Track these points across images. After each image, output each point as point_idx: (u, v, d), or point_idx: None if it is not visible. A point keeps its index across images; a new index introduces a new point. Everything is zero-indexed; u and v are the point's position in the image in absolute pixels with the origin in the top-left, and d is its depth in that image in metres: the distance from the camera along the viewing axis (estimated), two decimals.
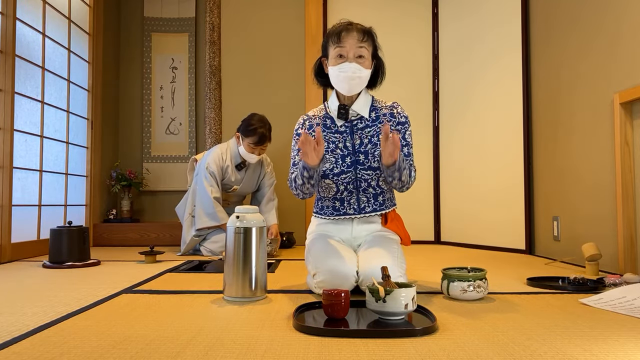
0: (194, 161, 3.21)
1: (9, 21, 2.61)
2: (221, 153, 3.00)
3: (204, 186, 2.92)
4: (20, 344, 1.12)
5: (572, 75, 2.61)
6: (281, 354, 1.05)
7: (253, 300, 1.59)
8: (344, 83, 1.76)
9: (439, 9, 3.72)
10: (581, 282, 1.84)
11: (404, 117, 1.85)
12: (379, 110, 1.85)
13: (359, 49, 1.74)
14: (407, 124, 1.85)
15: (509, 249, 3.16)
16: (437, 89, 3.73)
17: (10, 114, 2.60)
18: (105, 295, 1.69)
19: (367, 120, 1.82)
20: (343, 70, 1.74)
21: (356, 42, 1.73)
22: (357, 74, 1.74)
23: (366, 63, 1.76)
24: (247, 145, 2.92)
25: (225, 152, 3.01)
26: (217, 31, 3.73)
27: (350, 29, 1.75)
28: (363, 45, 1.74)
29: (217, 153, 2.99)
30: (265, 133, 2.89)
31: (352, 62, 1.74)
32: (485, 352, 1.06)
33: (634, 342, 1.14)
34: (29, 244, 2.79)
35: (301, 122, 1.89)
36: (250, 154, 2.94)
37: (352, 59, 1.74)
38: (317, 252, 1.72)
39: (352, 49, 1.74)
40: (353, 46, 1.73)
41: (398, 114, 1.84)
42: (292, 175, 1.82)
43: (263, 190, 3.20)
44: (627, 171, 2.16)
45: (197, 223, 2.91)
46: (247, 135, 2.91)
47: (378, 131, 1.81)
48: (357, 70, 1.74)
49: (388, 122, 1.82)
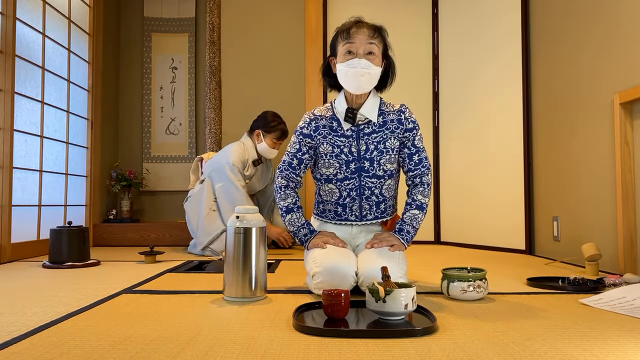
0: (199, 160, 3.23)
1: (9, 21, 2.61)
2: (241, 150, 3.09)
3: (232, 181, 2.95)
4: (20, 344, 1.12)
5: (572, 75, 2.61)
6: (281, 354, 1.05)
7: (253, 301, 1.59)
8: (352, 80, 1.69)
9: (439, 9, 3.72)
10: (581, 282, 1.84)
11: (412, 123, 1.78)
12: (387, 114, 1.78)
13: (369, 45, 1.68)
14: (415, 129, 1.79)
15: (509, 249, 3.16)
16: (437, 89, 3.73)
17: (10, 114, 2.60)
18: (105, 295, 1.69)
19: (374, 125, 1.77)
20: (352, 66, 1.67)
21: (366, 37, 1.68)
22: (366, 70, 1.67)
23: (376, 60, 1.70)
24: (271, 141, 3.11)
25: (245, 150, 3.11)
26: (217, 31, 3.73)
27: (360, 25, 1.71)
28: (373, 42, 1.68)
29: (238, 150, 3.07)
30: (285, 128, 3.15)
31: (361, 58, 1.67)
32: (485, 352, 1.06)
33: (634, 343, 1.14)
34: (29, 244, 2.79)
35: (307, 120, 1.81)
36: (272, 149, 3.14)
37: (362, 55, 1.68)
38: (316, 252, 1.71)
39: (362, 45, 1.67)
40: (363, 42, 1.67)
41: (406, 120, 1.78)
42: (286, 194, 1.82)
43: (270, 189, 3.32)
44: (627, 171, 2.16)
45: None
46: (270, 131, 3.11)
47: (385, 137, 1.77)
48: (366, 66, 1.67)
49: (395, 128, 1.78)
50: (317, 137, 1.79)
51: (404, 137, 1.79)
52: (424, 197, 1.79)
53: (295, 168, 1.82)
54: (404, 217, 1.79)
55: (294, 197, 1.82)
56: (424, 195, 1.79)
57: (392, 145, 1.78)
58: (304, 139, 1.80)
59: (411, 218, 1.78)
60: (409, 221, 1.78)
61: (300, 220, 1.80)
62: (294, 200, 1.81)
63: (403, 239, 1.76)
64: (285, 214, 1.80)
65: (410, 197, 1.82)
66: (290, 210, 1.80)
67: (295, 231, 1.80)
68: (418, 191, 1.80)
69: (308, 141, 1.80)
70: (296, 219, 1.79)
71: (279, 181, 1.83)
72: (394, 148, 1.78)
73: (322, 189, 1.85)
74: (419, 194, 1.79)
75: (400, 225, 1.78)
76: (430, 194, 1.82)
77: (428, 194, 1.81)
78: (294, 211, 1.80)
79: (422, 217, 1.79)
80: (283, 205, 1.81)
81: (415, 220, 1.78)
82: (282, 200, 1.82)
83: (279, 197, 1.82)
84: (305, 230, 1.79)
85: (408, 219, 1.78)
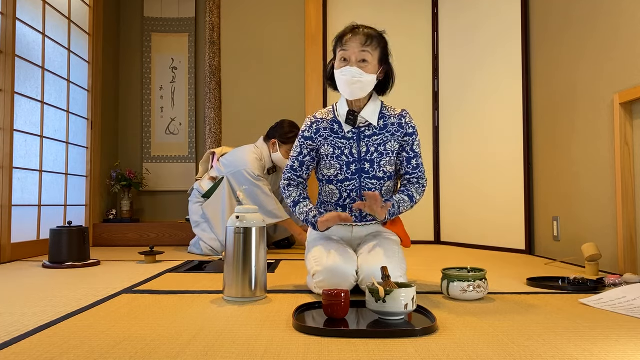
0: (211, 154, 3.21)
1: (9, 21, 2.61)
2: (258, 158, 3.05)
3: (259, 185, 2.94)
4: (20, 344, 1.12)
5: (572, 75, 2.61)
6: (281, 354, 1.05)
7: (253, 301, 1.59)
8: (345, 87, 1.75)
9: (439, 9, 3.72)
10: (581, 282, 1.84)
11: (412, 128, 1.82)
12: (388, 118, 1.82)
13: (361, 53, 1.71)
14: (414, 135, 1.83)
15: (509, 249, 3.16)
16: (437, 89, 3.73)
17: (10, 114, 2.60)
18: (105, 295, 1.69)
19: (374, 128, 1.80)
20: (344, 74, 1.72)
21: (359, 46, 1.71)
22: (357, 78, 1.71)
23: (369, 68, 1.73)
24: (286, 152, 3.04)
25: (261, 157, 3.08)
26: (217, 31, 3.73)
27: (356, 32, 1.73)
28: (366, 50, 1.71)
29: (255, 159, 3.03)
30: None
31: (353, 66, 1.71)
32: (485, 352, 1.06)
33: (634, 343, 1.14)
34: (29, 244, 2.79)
35: (309, 123, 1.86)
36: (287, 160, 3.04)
37: (354, 63, 1.72)
38: (316, 252, 1.72)
39: (355, 53, 1.71)
40: (356, 50, 1.71)
41: (406, 124, 1.82)
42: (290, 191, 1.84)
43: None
44: (627, 171, 2.16)
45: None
46: (286, 142, 3.04)
47: (385, 140, 1.80)
48: (357, 74, 1.71)
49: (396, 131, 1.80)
50: (318, 139, 1.83)
51: (404, 141, 1.82)
52: (417, 193, 1.82)
53: (297, 170, 1.86)
54: (394, 197, 1.79)
55: (298, 190, 1.86)
56: (417, 192, 1.82)
57: (392, 148, 1.81)
58: (305, 141, 1.85)
59: (399, 200, 1.78)
60: (395, 202, 1.78)
61: (308, 206, 1.82)
62: (299, 193, 1.85)
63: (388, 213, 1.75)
64: (294, 207, 1.83)
65: (403, 187, 1.84)
66: (297, 203, 1.83)
67: (305, 218, 1.81)
68: (413, 187, 1.82)
69: (309, 144, 1.84)
70: (304, 206, 1.82)
71: (283, 182, 1.88)
72: (394, 150, 1.82)
73: (324, 190, 1.88)
74: (413, 189, 1.82)
75: (388, 200, 1.78)
76: (422, 195, 1.84)
77: (421, 193, 1.83)
78: (300, 202, 1.83)
79: (409, 206, 1.80)
80: (290, 201, 1.84)
81: (402, 203, 1.78)
82: (288, 198, 1.85)
83: (285, 197, 1.86)
84: (313, 212, 1.80)
85: (396, 200, 1.78)
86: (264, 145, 3.14)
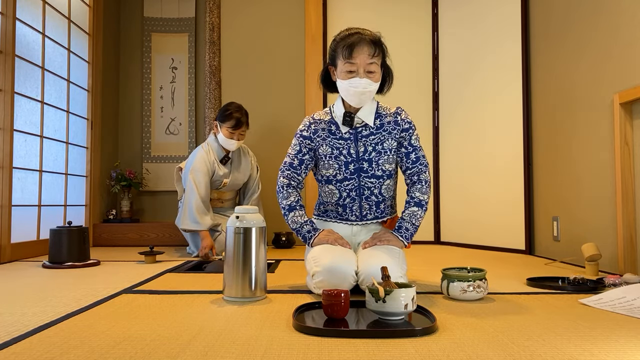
0: (179, 170, 3.09)
1: (9, 21, 2.61)
2: (204, 152, 2.96)
3: (193, 188, 2.84)
4: (20, 344, 1.12)
5: (571, 75, 2.61)
6: (281, 354, 1.05)
7: (253, 301, 1.59)
8: (353, 97, 1.76)
9: (439, 9, 3.72)
10: (581, 282, 1.85)
11: (407, 123, 1.84)
12: (384, 117, 1.84)
13: (369, 65, 1.72)
14: (411, 130, 1.84)
15: (509, 249, 3.16)
16: (437, 89, 3.73)
17: (10, 114, 2.60)
18: (105, 295, 1.69)
19: (371, 127, 1.82)
20: (353, 86, 1.73)
21: (367, 57, 1.71)
22: (367, 89, 1.74)
23: (376, 76, 1.75)
24: (226, 130, 2.93)
25: (208, 150, 2.99)
26: (217, 31, 3.73)
27: (361, 42, 1.71)
28: (374, 61, 1.73)
29: (200, 153, 2.95)
30: (241, 117, 2.94)
31: (362, 78, 1.72)
32: (485, 352, 1.06)
33: (634, 343, 1.14)
34: (29, 244, 2.79)
35: (307, 123, 1.87)
36: (230, 139, 2.94)
37: (362, 75, 1.72)
38: (316, 252, 1.72)
39: (363, 64, 1.72)
40: (364, 62, 1.71)
41: (402, 121, 1.84)
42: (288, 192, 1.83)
43: (249, 183, 3.20)
44: (627, 171, 2.16)
45: (181, 223, 2.86)
46: (224, 120, 2.94)
47: (382, 139, 1.81)
48: (367, 85, 1.73)
49: (392, 129, 1.82)
50: (316, 140, 1.84)
51: (401, 137, 1.83)
52: (422, 194, 1.81)
53: (297, 168, 1.85)
54: (403, 215, 1.81)
55: (296, 195, 1.84)
56: (422, 193, 1.81)
57: (390, 146, 1.82)
58: (304, 140, 1.85)
59: (410, 215, 1.79)
60: (407, 218, 1.79)
61: (303, 217, 1.82)
62: (297, 199, 1.83)
63: (402, 237, 1.77)
64: (288, 212, 1.82)
65: (409, 195, 1.84)
66: (293, 209, 1.82)
67: (298, 228, 1.81)
68: (416, 189, 1.82)
69: (308, 143, 1.85)
70: (299, 216, 1.81)
71: (281, 180, 1.86)
72: (392, 149, 1.83)
73: (323, 190, 1.89)
74: (417, 192, 1.81)
75: (400, 223, 1.80)
76: (429, 191, 1.83)
77: (427, 191, 1.82)
78: (296, 209, 1.81)
79: (421, 214, 1.80)
80: (285, 203, 1.83)
81: (414, 217, 1.79)
82: (284, 199, 1.83)
83: (281, 197, 1.84)
84: (308, 227, 1.80)
85: (407, 216, 1.79)
86: (211, 137, 3.05)
